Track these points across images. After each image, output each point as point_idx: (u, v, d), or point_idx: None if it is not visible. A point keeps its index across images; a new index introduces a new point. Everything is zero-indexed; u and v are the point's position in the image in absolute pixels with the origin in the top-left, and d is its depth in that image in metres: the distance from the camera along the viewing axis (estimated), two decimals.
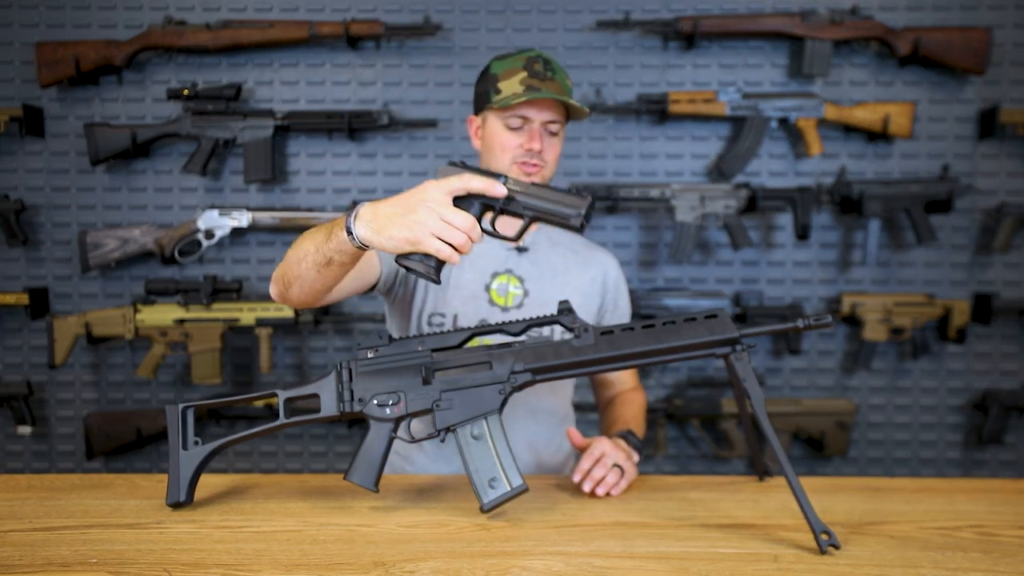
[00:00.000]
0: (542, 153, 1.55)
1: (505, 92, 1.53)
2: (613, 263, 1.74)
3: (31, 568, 1.06)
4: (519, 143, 1.55)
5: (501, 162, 1.56)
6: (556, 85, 1.53)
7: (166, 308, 2.48)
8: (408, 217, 1.15)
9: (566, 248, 1.70)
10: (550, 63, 1.55)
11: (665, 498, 1.35)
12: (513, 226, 1.58)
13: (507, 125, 1.55)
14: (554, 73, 1.54)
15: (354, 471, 1.28)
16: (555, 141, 1.58)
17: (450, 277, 1.60)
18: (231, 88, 2.47)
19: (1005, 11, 2.53)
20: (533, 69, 1.52)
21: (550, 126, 1.56)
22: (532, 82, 1.52)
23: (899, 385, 2.66)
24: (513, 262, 1.64)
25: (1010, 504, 1.32)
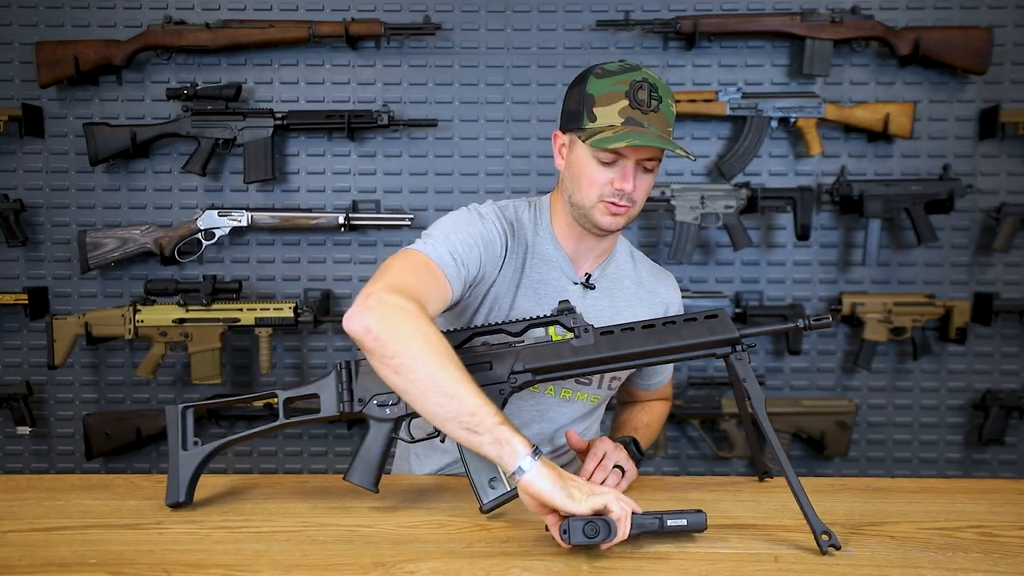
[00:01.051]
0: (633, 193, 1.37)
1: (601, 121, 1.33)
2: (675, 295, 1.60)
3: (30, 568, 1.06)
4: (609, 179, 1.35)
5: (587, 196, 1.38)
6: (660, 117, 1.34)
7: (166, 308, 2.48)
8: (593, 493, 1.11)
9: (631, 280, 1.55)
10: (656, 89, 1.34)
11: (665, 498, 1.35)
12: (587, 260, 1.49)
13: (598, 160, 1.35)
14: (660, 102, 1.34)
15: (354, 471, 1.28)
16: (649, 178, 1.39)
17: (512, 307, 1.44)
18: (231, 88, 2.47)
19: (1006, 11, 2.53)
20: (637, 98, 1.32)
21: (646, 163, 1.36)
22: (634, 114, 1.32)
23: (899, 385, 2.66)
24: (577, 298, 1.47)
25: (1011, 504, 1.32)
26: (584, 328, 1.26)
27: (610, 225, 1.39)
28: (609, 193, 1.36)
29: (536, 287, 1.45)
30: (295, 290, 2.62)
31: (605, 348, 1.24)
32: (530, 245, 1.46)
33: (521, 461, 1.09)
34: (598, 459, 1.37)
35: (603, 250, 1.50)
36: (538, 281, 1.46)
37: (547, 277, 1.46)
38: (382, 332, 1.16)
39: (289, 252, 2.63)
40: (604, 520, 1.06)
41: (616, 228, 1.41)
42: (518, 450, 1.10)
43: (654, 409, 1.69)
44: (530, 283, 1.45)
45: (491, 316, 1.44)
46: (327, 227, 2.52)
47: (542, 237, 1.47)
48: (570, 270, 1.48)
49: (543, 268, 1.46)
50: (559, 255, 1.47)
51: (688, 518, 1.13)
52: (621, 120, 1.32)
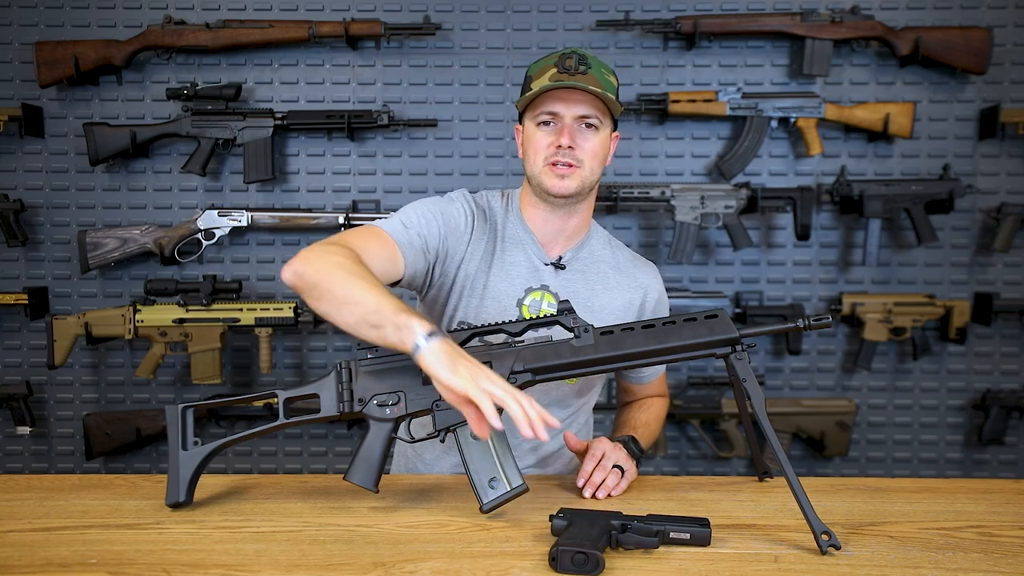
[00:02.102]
0: (574, 150, 1.43)
1: (535, 89, 1.44)
2: (655, 283, 1.62)
3: (30, 568, 1.06)
4: (549, 141, 1.44)
5: (534, 164, 1.47)
6: (589, 78, 1.42)
7: (166, 308, 2.48)
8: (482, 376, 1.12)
9: (608, 265, 1.59)
10: (585, 57, 1.44)
11: (665, 498, 1.35)
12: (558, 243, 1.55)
13: (539, 124, 1.45)
14: (588, 67, 1.43)
15: (354, 471, 1.28)
16: (592, 137, 1.45)
17: (486, 287, 1.51)
18: (231, 88, 2.47)
19: (1006, 11, 2.53)
20: (564, 64, 1.42)
21: (586, 120, 1.44)
22: (562, 77, 1.41)
23: (899, 385, 2.66)
24: (549, 277, 1.53)
25: (1011, 504, 1.32)
26: (584, 328, 1.26)
27: (559, 188, 1.45)
28: (552, 154, 1.44)
29: (508, 268, 1.52)
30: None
31: (605, 348, 1.24)
32: (500, 228, 1.54)
33: (418, 340, 1.13)
34: (596, 459, 1.37)
35: (573, 232, 1.56)
36: (510, 263, 1.52)
37: (517, 259, 1.53)
38: (306, 270, 1.25)
39: (289, 252, 2.62)
40: (595, 553, 1.05)
41: (566, 191, 1.46)
42: (416, 331, 1.14)
43: (652, 407, 1.68)
44: (502, 264, 1.52)
45: (465, 294, 1.50)
46: (327, 227, 2.52)
47: (512, 221, 1.55)
48: (540, 251, 1.54)
49: (513, 250, 1.53)
50: (528, 237, 1.54)
51: (692, 532, 1.12)
52: (549, 83, 1.42)
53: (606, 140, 1.49)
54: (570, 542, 1.05)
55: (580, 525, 1.10)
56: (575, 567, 1.04)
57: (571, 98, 1.43)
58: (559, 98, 1.43)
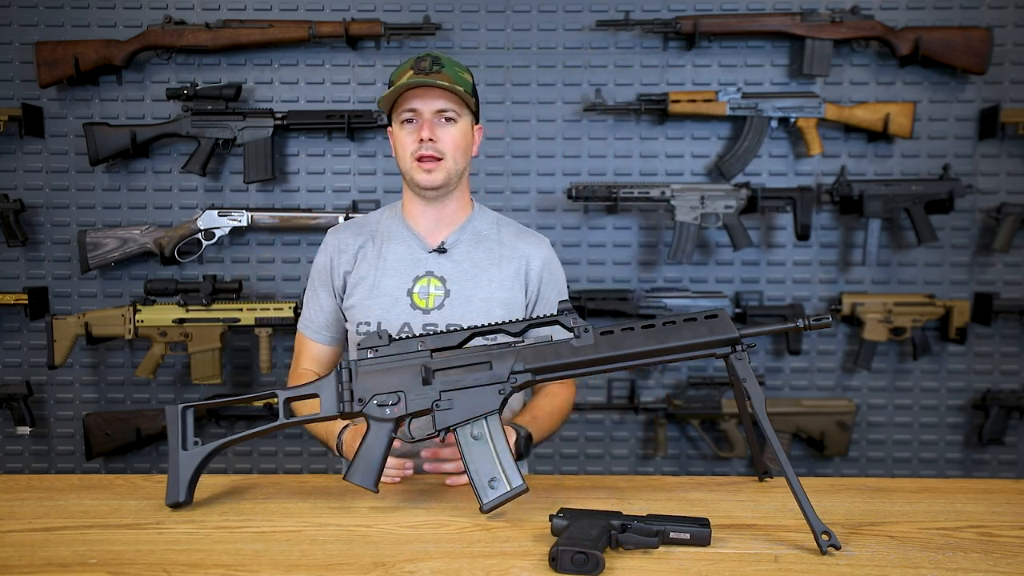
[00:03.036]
0: (435, 143, 1.54)
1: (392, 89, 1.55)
2: (537, 251, 1.67)
3: (30, 568, 1.06)
4: (413, 138, 1.55)
5: (403, 160, 1.57)
6: (443, 76, 1.53)
7: (166, 308, 2.48)
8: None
9: (493, 242, 1.66)
10: (439, 59, 1.56)
11: (665, 498, 1.35)
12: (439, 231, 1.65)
13: (402, 123, 1.56)
14: (442, 67, 1.54)
15: (354, 471, 1.28)
16: (452, 128, 1.55)
17: (374, 285, 1.61)
18: (230, 88, 2.47)
19: (1006, 11, 2.53)
20: (419, 66, 1.53)
21: (444, 114, 1.54)
22: (417, 77, 1.52)
23: (899, 385, 2.66)
24: (433, 264, 1.62)
25: (1010, 504, 1.32)
26: (584, 328, 1.26)
27: (427, 181, 1.56)
28: (417, 148, 1.55)
29: (395, 264, 1.62)
30: (295, 290, 2.62)
31: (605, 348, 1.24)
32: (380, 232, 1.66)
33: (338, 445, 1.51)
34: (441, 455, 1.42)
35: (452, 218, 1.65)
36: (396, 259, 1.63)
37: (402, 254, 1.63)
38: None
39: (289, 252, 2.63)
40: (595, 553, 1.05)
41: (434, 184, 1.56)
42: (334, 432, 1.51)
43: (558, 396, 1.67)
44: (385, 262, 1.63)
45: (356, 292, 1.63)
46: (327, 227, 2.50)
47: (394, 223, 1.67)
48: (420, 242, 1.64)
49: (397, 248, 1.64)
50: (407, 232, 1.65)
51: (692, 532, 1.12)
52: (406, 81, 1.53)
53: (467, 131, 1.59)
54: (570, 542, 1.05)
55: (580, 525, 1.10)
56: (575, 567, 1.04)
57: (428, 95, 1.54)
58: (417, 96, 1.54)
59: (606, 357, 1.25)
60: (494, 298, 1.60)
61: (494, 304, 1.59)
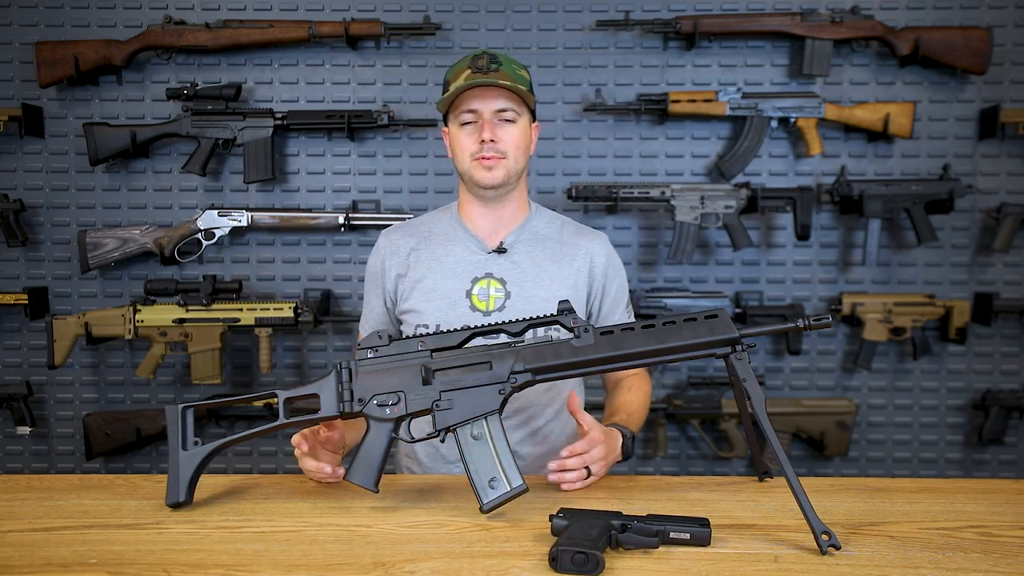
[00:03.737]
0: (497, 143, 1.53)
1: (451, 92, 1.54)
2: (601, 247, 1.67)
3: (30, 568, 1.06)
4: (473, 139, 1.54)
5: (463, 161, 1.56)
6: (501, 74, 1.52)
7: (166, 308, 2.48)
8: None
9: (554, 240, 1.65)
10: (496, 57, 1.54)
11: (665, 498, 1.35)
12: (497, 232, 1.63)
13: (462, 124, 1.55)
14: (500, 65, 1.53)
15: (354, 471, 1.28)
16: (512, 129, 1.55)
17: (432, 288, 1.59)
18: (230, 88, 2.47)
19: (1006, 11, 2.53)
20: (476, 65, 1.52)
21: (504, 114, 1.54)
22: (475, 77, 1.51)
23: (899, 385, 2.66)
24: (492, 265, 1.61)
25: (1010, 504, 1.32)
26: (584, 328, 1.26)
27: (487, 180, 1.55)
28: (477, 150, 1.54)
29: (453, 266, 1.62)
30: (295, 290, 2.62)
31: (605, 348, 1.24)
32: (436, 235, 1.65)
33: None
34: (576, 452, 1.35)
35: (510, 218, 1.64)
36: (454, 261, 1.62)
37: (460, 255, 1.62)
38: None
39: (289, 252, 2.63)
40: (595, 553, 1.05)
41: (495, 182, 1.55)
42: None
43: (641, 388, 1.69)
44: (447, 264, 1.62)
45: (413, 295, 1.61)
46: (327, 227, 2.52)
47: (450, 225, 1.66)
48: (479, 243, 1.63)
49: (455, 249, 1.63)
50: (464, 234, 1.64)
51: (692, 532, 1.12)
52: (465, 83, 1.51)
53: (526, 130, 1.59)
54: (570, 542, 1.05)
55: (580, 525, 1.10)
56: (575, 567, 1.04)
57: (487, 94, 1.53)
58: (476, 96, 1.53)
59: (606, 357, 1.25)
60: (556, 296, 1.58)
61: (556, 303, 1.53)
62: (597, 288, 1.67)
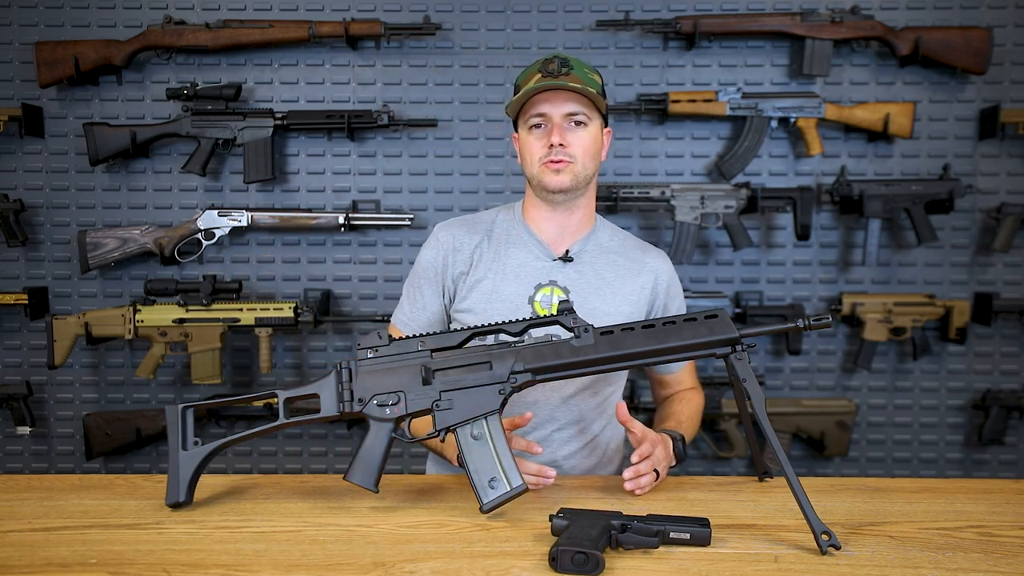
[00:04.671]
0: (566, 148, 1.50)
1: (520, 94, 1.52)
2: (665, 266, 1.66)
3: (30, 568, 1.06)
4: (543, 143, 1.51)
5: (531, 165, 1.53)
6: (572, 77, 1.49)
7: (166, 308, 2.48)
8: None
9: (617, 254, 1.63)
10: (567, 60, 1.51)
11: (665, 498, 1.35)
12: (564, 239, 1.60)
13: (531, 127, 1.52)
14: (571, 69, 1.50)
15: (354, 471, 1.28)
16: (582, 132, 1.52)
17: (493, 290, 1.56)
18: (230, 88, 2.47)
19: (1006, 11, 2.53)
20: (547, 69, 1.50)
21: (574, 118, 1.51)
22: (545, 80, 1.48)
23: (899, 385, 2.66)
24: (557, 272, 1.57)
25: (1010, 504, 1.32)
26: (584, 328, 1.26)
27: (555, 183, 1.52)
28: (546, 154, 1.51)
29: (516, 270, 1.58)
30: (295, 290, 2.62)
31: (605, 348, 1.25)
32: (498, 236, 1.61)
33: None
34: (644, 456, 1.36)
35: (577, 227, 1.61)
36: (517, 265, 1.58)
37: (523, 260, 1.59)
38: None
39: (289, 252, 2.63)
40: (595, 553, 1.05)
41: (563, 186, 1.52)
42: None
43: (692, 400, 1.69)
44: (509, 267, 1.58)
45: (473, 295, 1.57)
46: (327, 227, 2.52)
47: (516, 228, 1.62)
48: (545, 250, 1.59)
49: (518, 253, 1.59)
50: (532, 240, 1.60)
51: (692, 532, 1.12)
52: (534, 85, 1.49)
53: (597, 135, 1.56)
54: (570, 542, 1.06)
55: (580, 525, 1.10)
56: (575, 567, 1.04)
57: (557, 98, 1.50)
58: (546, 100, 1.50)
59: (606, 357, 1.25)
60: (619, 312, 1.55)
61: (618, 319, 1.52)
62: (659, 306, 1.64)
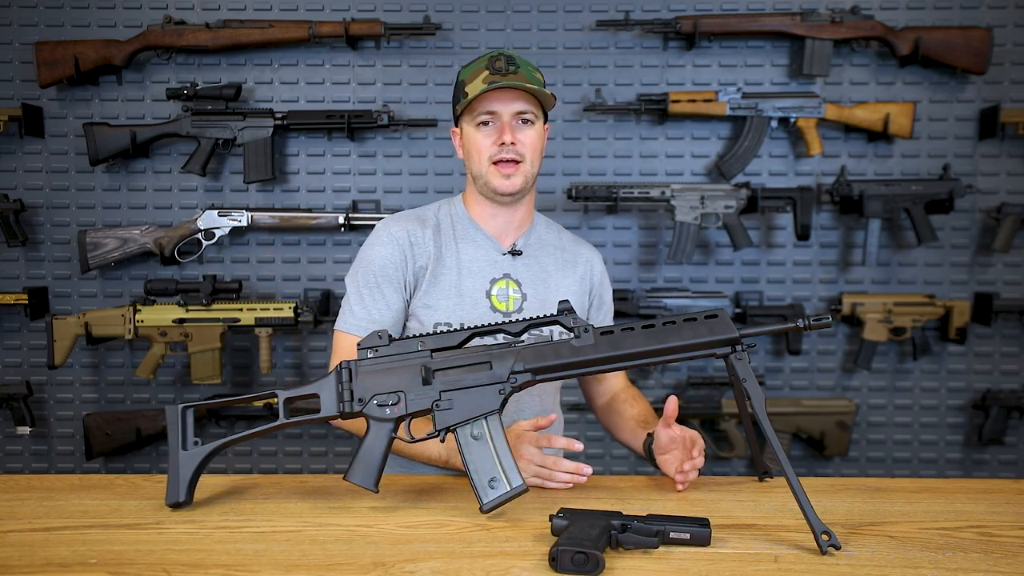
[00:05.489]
0: (516, 146, 1.52)
1: (470, 93, 1.52)
2: (597, 258, 1.73)
3: (30, 568, 1.06)
4: (491, 141, 1.53)
5: (479, 164, 1.55)
6: (520, 77, 1.51)
7: (166, 308, 2.48)
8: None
9: (554, 247, 1.68)
10: (513, 58, 1.53)
11: (665, 498, 1.35)
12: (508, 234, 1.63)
13: (478, 124, 1.54)
14: (517, 67, 1.52)
15: (354, 471, 1.28)
16: (530, 131, 1.55)
17: (454, 286, 1.58)
18: (230, 88, 2.47)
19: (1006, 11, 2.53)
20: (495, 67, 1.51)
21: (522, 116, 1.53)
22: (494, 78, 1.50)
23: (899, 385, 2.66)
24: (509, 266, 1.62)
25: (1010, 504, 1.32)
26: (584, 328, 1.26)
27: (505, 187, 1.54)
28: (495, 152, 1.53)
29: (470, 265, 1.60)
30: (295, 290, 2.62)
31: (605, 348, 1.24)
32: (452, 233, 1.63)
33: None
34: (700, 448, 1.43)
35: (520, 221, 1.65)
36: (470, 260, 1.61)
37: (475, 255, 1.61)
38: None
39: (289, 252, 2.63)
40: (595, 553, 1.05)
41: (513, 189, 1.55)
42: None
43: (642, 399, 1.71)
44: (464, 262, 1.60)
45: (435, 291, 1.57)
46: (327, 227, 2.52)
47: (462, 223, 1.63)
48: (494, 244, 1.63)
49: (470, 248, 1.61)
50: (480, 234, 1.63)
51: (692, 532, 1.12)
52: (484, 85, 1.50)
53: (542, 133, 1.59)
54: (570, 542, 1.05)
55: (580, 525, 1.10)
56: (575, 567, 1.04)
57: (506, 97, 1.52)
58: (495, 98, 1.52)
59: (606, 357, 1.25)
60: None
61: None
62: (596, 296, 1.71)
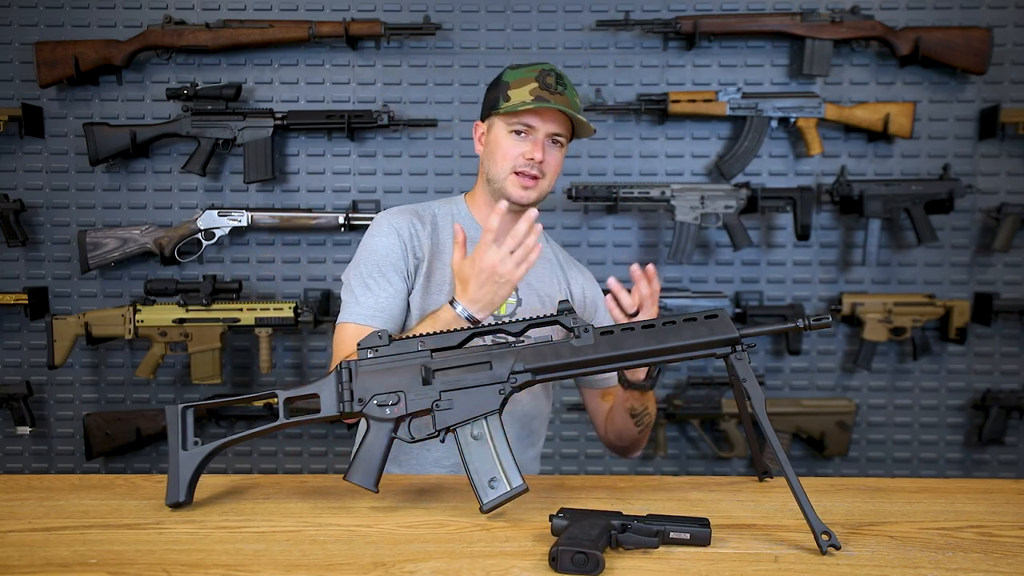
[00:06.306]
0: (543, 164, 1.55)
1: (514, 100, 1.53)
2: (593, 286, 1.75)
3: (30, 568, 1.06)
4: (521, 151, 1.54)
5: (501, 168, 1.56)
6: (565, 100, 1.54)
7: (166, 308, 2.48)
8: (493, 283, 1.39)
9: (550, 260, 1.71)
10: (562, 78, 1.56)
11: (665, 498, 1.35)
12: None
13: (512, 131, 1.55)
14: (565, 88, 1.55)
15: (354, 471, 1.28)
16: (558, 152, 1.58)
17: (447, 283, 1.59)
18: (230, 88, 2.47)
19: (1006, 11, 2.53)
20: (545, 81, 1.53)
21: (554, 138, 1.56)
22: (542, 93, 1.52)
23: (899, 385, 2.66)
24: None
25: (1010, 504, 1.32)
26: (584, 328, 1.26)
27: (522, 198, 1.55)
28: (521, 164, 1.54)
29: None
30: (295, 290, 2.62)
31: (605, 348, 1.24)
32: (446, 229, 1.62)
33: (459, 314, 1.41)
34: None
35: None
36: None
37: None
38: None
39: (289, 252, 2.63)
40: (595, 553, 1.05)
41: (528, 201, 1.55)
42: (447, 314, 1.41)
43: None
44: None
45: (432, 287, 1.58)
46: (327, 227, 2.52)
47: (466, 225, 1.62)
48: None
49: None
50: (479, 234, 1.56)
51: (692, 532, 1.12)
52: (531, 97, 1.52)
53: (564, 156, 1.61)
54: (570, 542, 1.05)
55: (580, 525, 1.10)
56: (575, 567, 1.04)
57: (548, 115, 1.54)
58: (537, 113, 1.53)
59: (606, 357, 1.25)
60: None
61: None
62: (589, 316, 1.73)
